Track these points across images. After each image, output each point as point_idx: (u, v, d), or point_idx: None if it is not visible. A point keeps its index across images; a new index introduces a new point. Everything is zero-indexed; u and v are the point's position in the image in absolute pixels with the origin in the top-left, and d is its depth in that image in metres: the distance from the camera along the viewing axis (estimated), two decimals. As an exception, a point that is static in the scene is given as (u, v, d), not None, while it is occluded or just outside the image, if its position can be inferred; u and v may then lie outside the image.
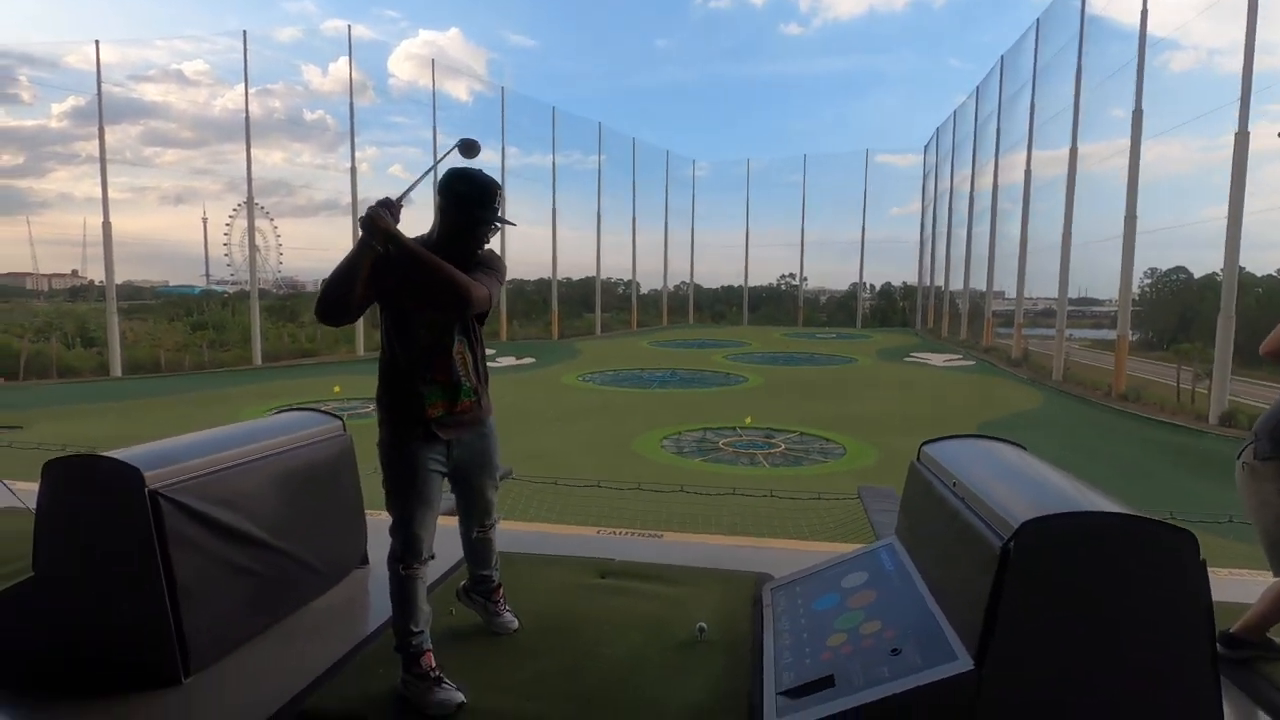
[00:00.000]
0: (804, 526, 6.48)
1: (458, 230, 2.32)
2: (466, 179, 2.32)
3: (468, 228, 2.32)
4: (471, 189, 2.31)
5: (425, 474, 2.34)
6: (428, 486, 2.35)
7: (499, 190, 2.35)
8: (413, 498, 2.33)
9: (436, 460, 2.38)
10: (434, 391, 2.34)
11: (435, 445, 2.37)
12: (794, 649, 2.43)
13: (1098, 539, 1.83)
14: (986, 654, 1.85)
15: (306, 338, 32.20)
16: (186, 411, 16.47)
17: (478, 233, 2.35)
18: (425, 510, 2.35)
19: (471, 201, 2.31)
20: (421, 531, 2.34)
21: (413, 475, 2.33)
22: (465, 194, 2.31)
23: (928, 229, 47.07)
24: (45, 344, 26.84)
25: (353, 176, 30.23)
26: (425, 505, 2.35)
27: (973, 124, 36.04)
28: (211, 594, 2.54)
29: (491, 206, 2.33)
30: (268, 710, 2.23)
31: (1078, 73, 22.92)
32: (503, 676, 2.42)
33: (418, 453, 2.33)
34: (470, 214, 2.31)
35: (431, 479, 2.37)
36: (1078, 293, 30.66)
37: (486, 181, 2.33)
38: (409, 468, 2.33)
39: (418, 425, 2.34)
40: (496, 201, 2.34)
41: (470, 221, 2.31)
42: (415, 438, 2.34)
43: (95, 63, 26.04)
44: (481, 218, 2.32)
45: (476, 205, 2.31)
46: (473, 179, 2.32)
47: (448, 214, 2.32)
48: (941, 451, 2.76)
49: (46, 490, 2.48)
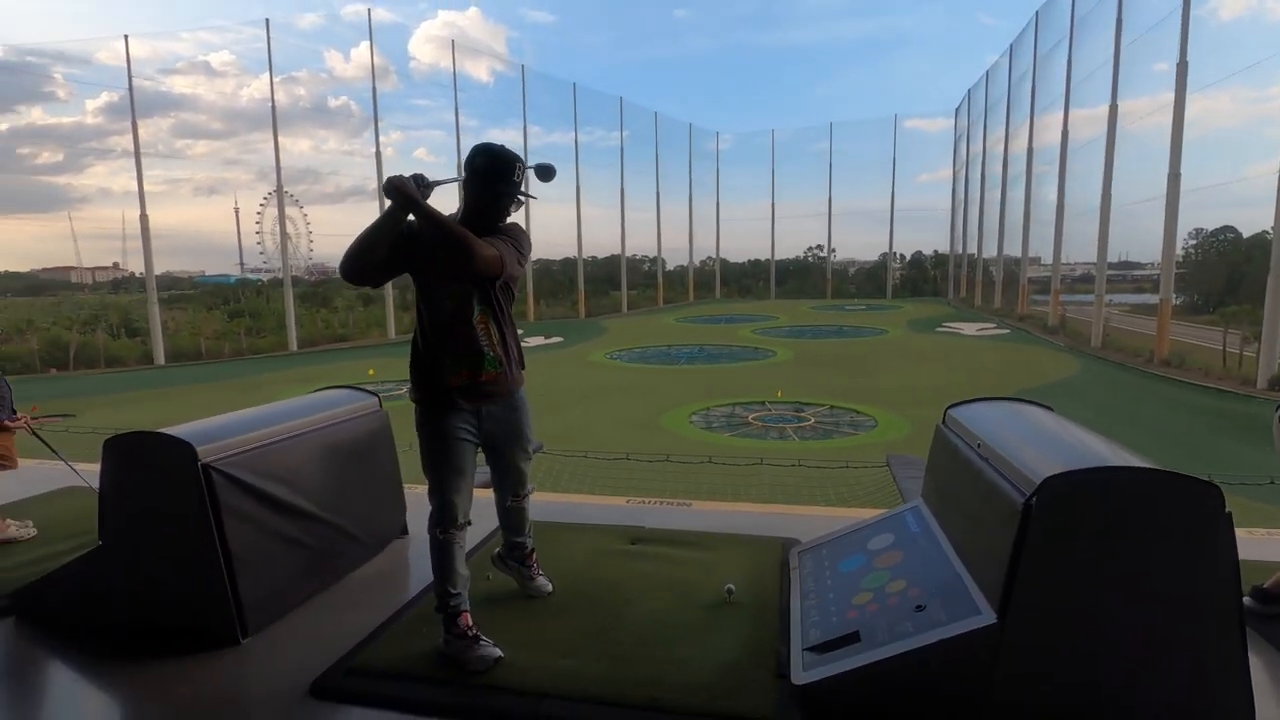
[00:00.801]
0: (832, 495, 6.51)
1: (480, 203, 2.40)
2: (487, 153, 2.40)
3: (489, 200, 2.40)
4: (491, 163, 2.39)
5: (456, 443, 2.44)
6: (459, 455, 2.45)
7: (519, 164, 2.42)
8: (444, 465, 2.44)
9: (467, 430, 2.47)
10: (457, 361, 2.42)
11: (464, 415, 2.46)
12: (820, 608, 2.48)
13: (1120, 494, 1.84)
14: (1009, 608, 1.88)
15: (340, 323, 32.90)
16: (228, 396, 17.01)
17: (499, 205, 2.42)
18: (457, 478, 2.45)
19: (492, 175, 2.38)
20: (455, 497, 2.44)
21: (443, 443, 2.43)
22: (485, 168, 2.39)
23: (959, 195, 45.95)
24: (92, 335, 27.85)
25: (378, 161, 30.53)
26: (457, 473, 2.45)
27: (1006, 84, 34.89)
28: (264, 562, 2.68)
29: (510, 179, 2.40)
30: (320, 668, 2.37)
31: (1118, 25, 21.98)
32: (539, 636, 2.53)
33: (447, 422, 2.43)
34: (491, 187, 2.39)
35: (463, 448, 2.46)
36: (1117, 256, 29.69)
37: (507, 155, 2.40)
38: (439, 436, 2.43)
39: (442, 394, 2.43)
40: (516, 174, 2.41)
41: (491, 194, 2.40)
42: (442, 406, 2.44)
43: (125, 58, 26.61)
44: (502, 190, 2.39)
45: (498, 179, 2.39)
46: (493, 153, 2.40)
47: (471, 188, 2.41)
48: (967, 414, 2.76)
49: (108, 466, 2.63)
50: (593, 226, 43.09)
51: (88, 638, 2.66)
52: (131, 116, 26.73)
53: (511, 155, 2.41)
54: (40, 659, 2.61)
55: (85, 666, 2.54)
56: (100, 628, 2.68)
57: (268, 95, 28.51)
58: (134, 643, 2.59)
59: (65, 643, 2.66)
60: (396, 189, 2.15)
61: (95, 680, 2.47)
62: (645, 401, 15.12)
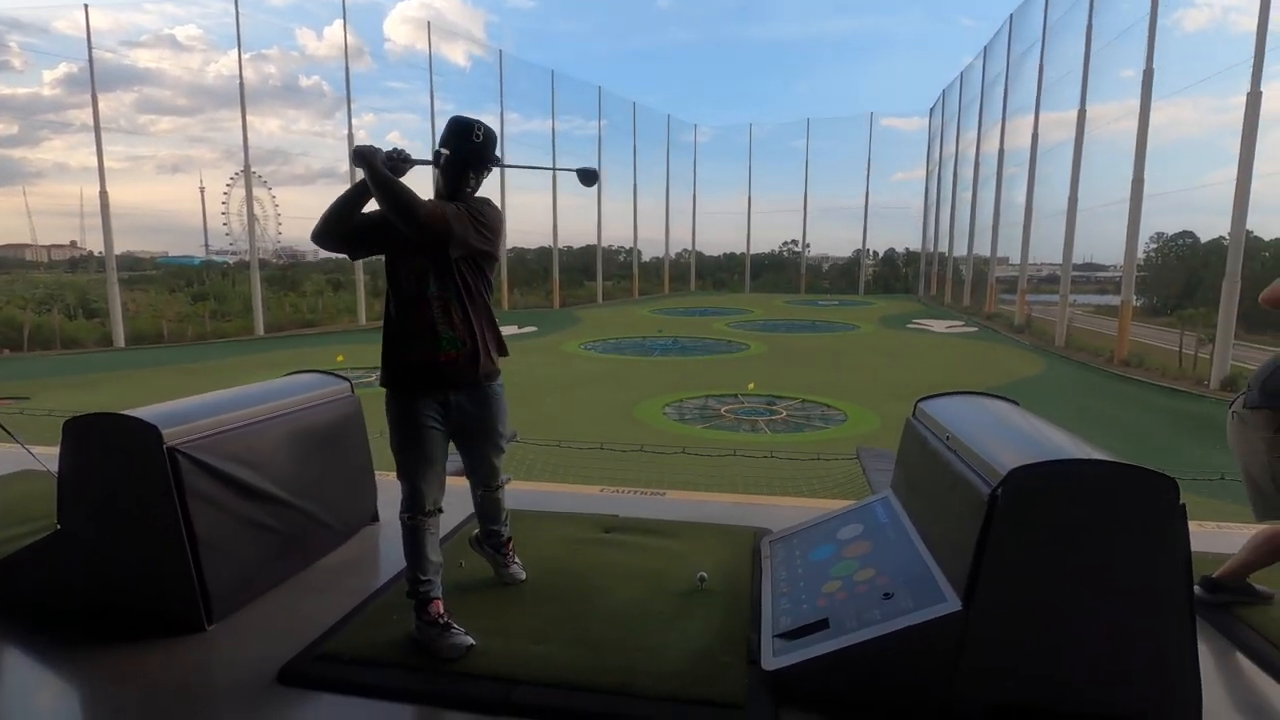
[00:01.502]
0: (803, 487, 6.60)
1: (447, 169, 2.43)
2: (450, 121, 2.45)
3: (451, 165, 2.43)
4: (447, 129, 2.44)
5: (422, 430, 2.42)
6: (426, 442, 2.42)
7: (475, 126, 2.42)
8: (411, 451, 2.42)
9: (433, 418, 2.44)
10: (413, 338, 2.41)
11: (429, 403, 2.43)
12: (790, 596, 2.53)
13: (1082, 485, 1.90)
14: (974, 595, 1.93)
15: (309, 308, 32.24)
16: (191, 381, 16.59)
17: (461, 170, 2.43)
18: (425, 465, 2.43)
19: (446, 138, 2.43)
20: (422, 485, 2.42)
21: (410, 431, 2.42)
22: (443, 135, 2.45)
23: (932, 194, 46.63)
24: (47, 315, 26.90)
25: (349, 144, 29.90)
26: (425, 461, 2.43)
27: (980, 86, 35.43)
28: (230, 547, 2.63)
29: (463, 140, 2.41)
30: (288, 655, 2.34)
31: (1088, 31, 22.44)
32: (511, 623, 2.53)
33: (414, 409, 2.42)
34: (453, 154, 2.42)
35: (429, 435, 2.43)
36: (1082, 258, 30.39)
37: (462, 120, 2.44)
38: (406, 423, 2.42)
39: (403, 373, 2.43)
40: (473, 136, 2.41)
41: (454, 162, 2.42)
42: (406, 389, 2.43)
43: (85, 28, 25.62)
44: (455, 151, 2.41)
45: (450, 139, 2.42)
46: (451, 120, 2.45)
47: (441, 158, 2.44)
48: (937, 407, 2.83)
49: (68, 449, 2.56)
50: (569, 216, 42.79)
51: (47, 625, 2.59)
52: (91, 89, 25.77)
53: (470, 120, 2.43)
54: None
55: (45, 654, 2.47)
56: (60, 614, 2.61)
57: (236, 72, 27.73)
58: (95, 629, 2.52)
59: (23, 630, 2.58)
60: (359, 154, 2.20)
61: (55, 668, 2.41)
62: (619, 392, 15.13)
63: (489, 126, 2.45)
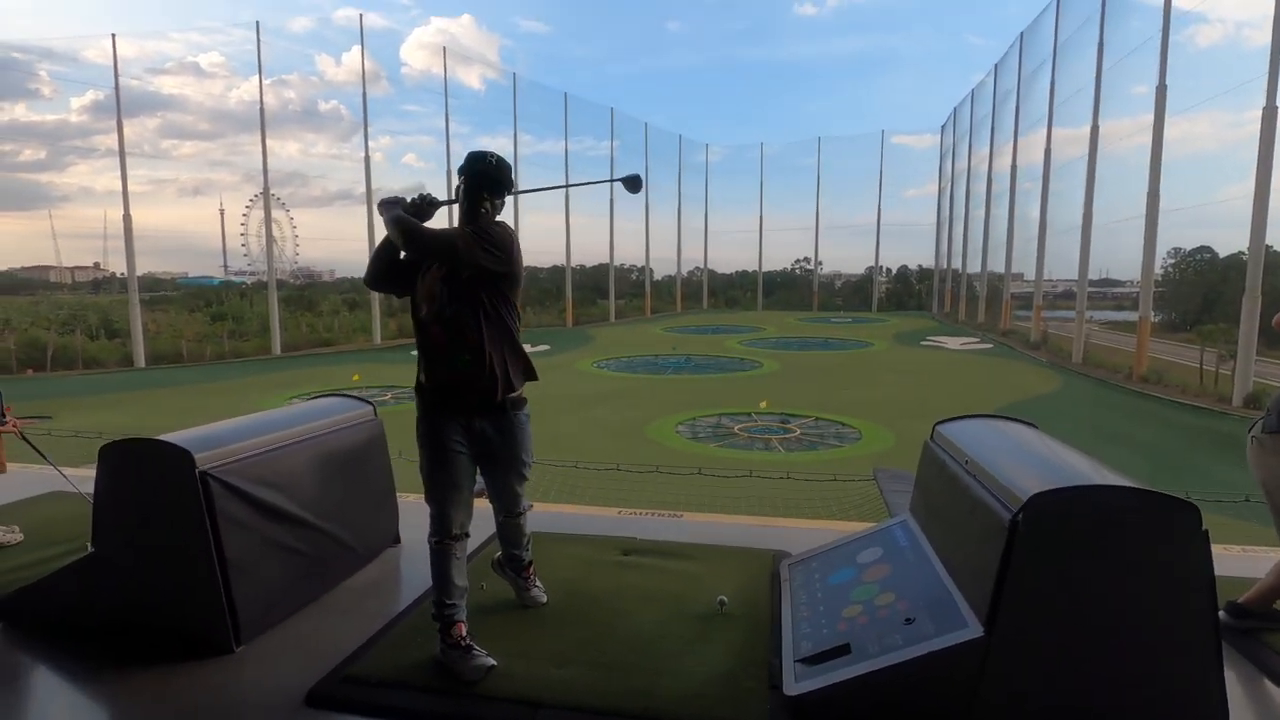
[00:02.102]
0: (820, 508, 6.57)
1: (464, 198, 2.52)
2: (469, 155, 2.55)
3: (468, 192, 2.51)
4: (468, 160, 2.54)
5: (449, 454, 2.47)
6: (452, 466, 2.48)
7: (488, 155, 2.52)
8: (438, 475, 2.48)
9: (458, 443, 2.49)
10: (431, 358, 2.50)
11: (455, 427, 2.49)
12: (811, 620, 2.53)
13: (1103, 512, 1.90)
14: (996, 622, 1.94)
15: (325, 327, 32.61)
16: (210, 401, 16.82)
17: (469, 196, 2.50)
18: (452, 490, 2.48)
19: (466, 168, 2.52)
20: (449, 509, 2.47)
21: (438, 455, 2.48)
22: (463, 166, 2.54)
23: (944, 211, 46.58)
24: (70, 336, 27.40)
25: (366, 166, 30.46)
26: (452, 486, 2.48)
27: (991, 103, 35.52)
28: (258, 570, 2.68)
29: (479, 163, 2.50)
30: (314, 677, 2.38)
31: (1099, 48, 22.49)
32: (533, 646, 2.55)
33: (441, 434, 2.48)
34: (467, 179, 2.51)
35: (455, 460, 2.48)
36: (1098, 274, 30.22)
37: (478, 152, 2.54)
38: (434, 448, 2.48)
39: (426, 393, 2.52)
40: (483, 163, 2.50)
41: (468, 186, 2.51)
42: (432, 411, 2.51)
43: (113, 57, 26.36)
44: (473, 179, 2.49)
45: (468, 170, 2.51)
46: (471, 153, 2.55)
47: (460, 190, 2.54)
48: (955, 430, 2.83)
49: (103, 472, 2.63)
50: (581, 235, 43.21)
51: (80, 645, 2.64)
52: (117, 115, 26.48)
53: (486, 152, 2.54)
54: (30, 667, 2.59)
55: (77, 675, 2.52)
56: (92, 635, 2.67)
57: (257, 97, 28.37)
58: (127, 650, 2.57)
59: (56, 650, 2.64)
60: (380, 204, 2.45)
61: (87, 689, 2.45)
62: (631, 410, 15.15)
63: (501, 156, 2.55)
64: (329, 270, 54.34)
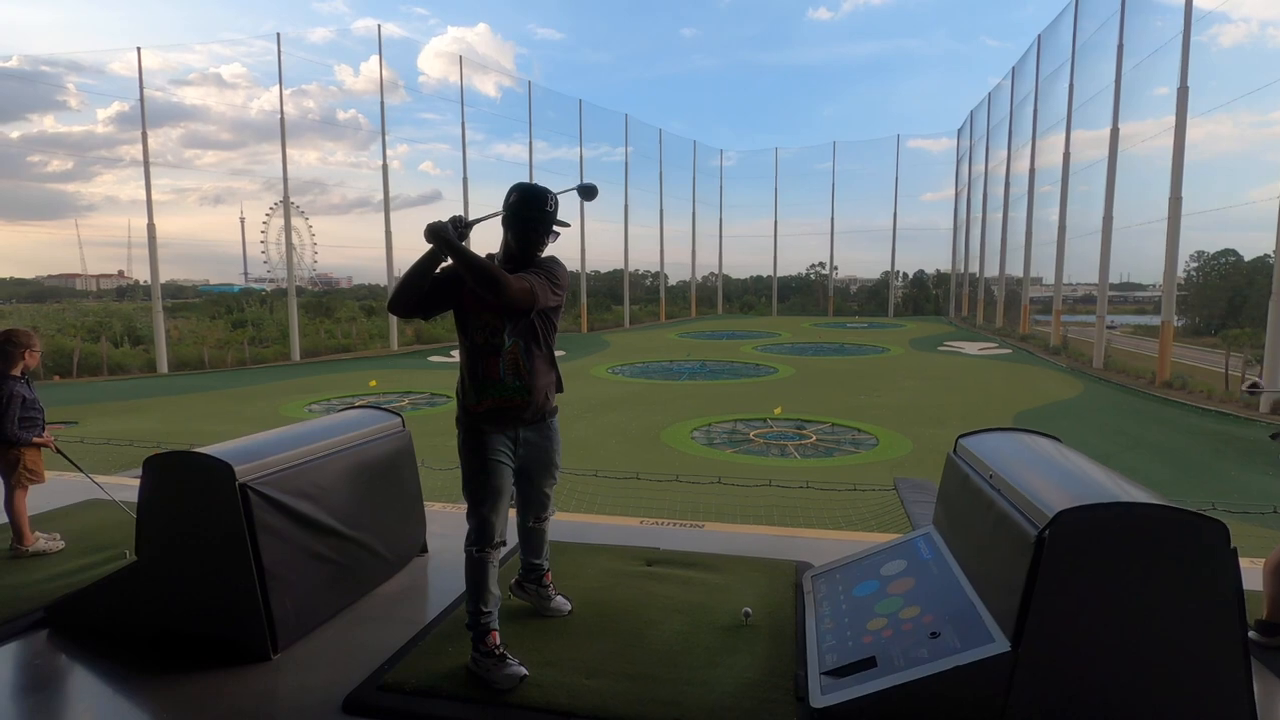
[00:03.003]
0: (840, 518, 6.57)
1: (516, 236, 2.56)
2: (517, 190, 2.57)
3: (523, 233, 2.55)
4: (522, 197, 2.55)
5: (495, 465, 2.56)
6: (496, 476, 2.56)
7: (550, 196, 2.56)
8: (484, 486, 2.55)
9: (504, 453, 2.59)
10: (484, 388, 2.55)
11: (502, 439, 2.58)
12: (836, 632, 2.56)
13: (1130, 528, 1.92)
14: (1022, 637, 1.96)
15: (342, 334, 32.98)
16: (231, 407, 17.07)
17: (532, 237, 2.56)
18: (496, 498, 2.57)
19: (522, 208, 2.54)
20: (493, 517, 2.56)
21: (483, 465, 2.55)
22: (517, 203, 2.55)
23: (961, 215, 46.23)
24: (95, 343, 27.92)
25: (384, 174, 30.80)
26: (496, 493, 2.57)
27: (1009, 106, 35.27)
28: (295, 579, 2.76)
29: (541, 209, 2.53)
30: (349, 684, 2.44)
31: (1119, 49, 22.27)
32: (562, 656, 2.60)
33: (486, 444, 2.55)
34: (524, 220, 2.54)
35: (501, 470, 2.58)
36: (1120, 277, 29.84)
37: (538, 189, 2.57)
38: (479, 458, 2.55)
39: (474, 418, 2.56)
40: (546, 205, 2.54)
41: (524, 227, 2.55)
42: (479, 430, 2.56)
43: (138, 69, 26.93)
44: (533, 221, 2.53)
45: (527, 210, 2.53)
46: (522, 189, 2.57)
47: (507, 223, 2.58)
48: (978, 444, 2.85)
49: (147, 483, 2.72)
50: (595, 240, 43.48)
51: (122, 651, 2.73)
52: (142, 126, 27.00)
53: (542, 189, 2.57)
54: (75, 672, 2.68)
55: (119, 680, 2.60)
56: (135, 641, 2.75)
57: (277, 107, 28.82)
58: (169, 656, 2.66)
59: (99, 656, 2.73)
60: (435, 234, 2.33)
61: (130, 695, 2.53)
62: (647, 416, 15.17)
63: (548, 190, 2.58)
64: (347, 277, 55.03)
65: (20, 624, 2.87)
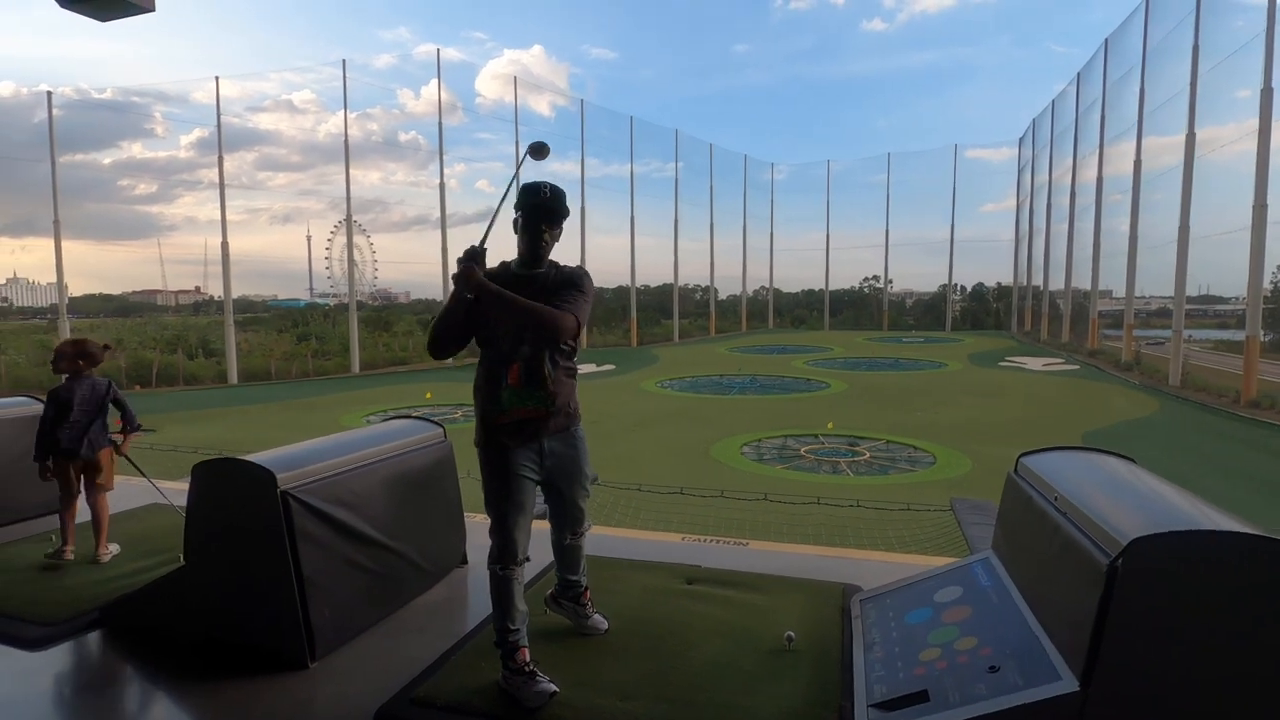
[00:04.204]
0: (892, 538, 6.30)
1: (525, 231, 2.52)
2: (522, 189, 2.54)
3: (526, 225, 2.52)
4: (522, 194, 2.53)
5: (517, 479, 2.49)
6: (520, 491, 2.50)
7: (547, 190, 2.50)
8: (505, 501, 2.49)
9: (529, 467, 2.52)
10: (507, 399, 2.48)
11: (526, 452, 2.52)
12: (885, 662, 2.41)
13: (1214, 558, 1.74)
14: (1093, 675, 1.78)
15: (400, 347, 33.98)
16: (295, 416, 17.73)
17: (535, 229, 2.50)
18: (518, 514, 2.50)
19: (522, 202, 2.51)
20: (516, 533, 2.49)
21: (505, 480, 2.49)
22: (519, 200, 2.53)
23: (1024, 226, 44.56)
24: (173, 355, 29.50)
25: (441, 193, 31.71)
26: (518, 509, 2.50)
27: (1074, 113, 33.92)
28: (333, 587, 2.77)
29: (535, 196, 2.48)
30: (383, 696, 2.42)
31: (1194, 51, 21.17)
32: (598, 676, 2.52)
33: (509, 458, 2.49)
34: (525, 213, 2.51)
35: (523, 484, 2.51)
36: (1197, 290, 28.17)
37: (535, 185, 2.52)
38: (501, 473, 2.49)
39: (495, 430, 2.50)
40: (540, 197, 2.49)
41: (527, 220, 2.51)
42: (500, 443, 2.50)
43: (215, 97, 28.55)
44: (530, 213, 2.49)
45: (524, 204, 2.50)
46: (525, 186, 2.54)
47: (518, 222, 2.55)
48: (1041, 463, 2.66)
49: (195, 488, 2.78)
50: (646, 255, 43.77)
51: (168, 653, 2.79)
52: (218, 151, 28.62)
53: (538, 184, 2.53)
54: (123, 672, 2.75)
55: (163, 682, 2.66)
56: (182, 643, 2.81)
57: (343, 131, 30.08)
58: (209, 660, 2.70)
59: (146, 657, 2.79)
60: (479, 287, 2.33)
61: (175, 696, 2.58)
62: (696, 431, 15.02)
63: (555, 185, 2.53)
64: (405, 292, 56.73)
65: (78, 623, 2.97)
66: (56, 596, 3.20)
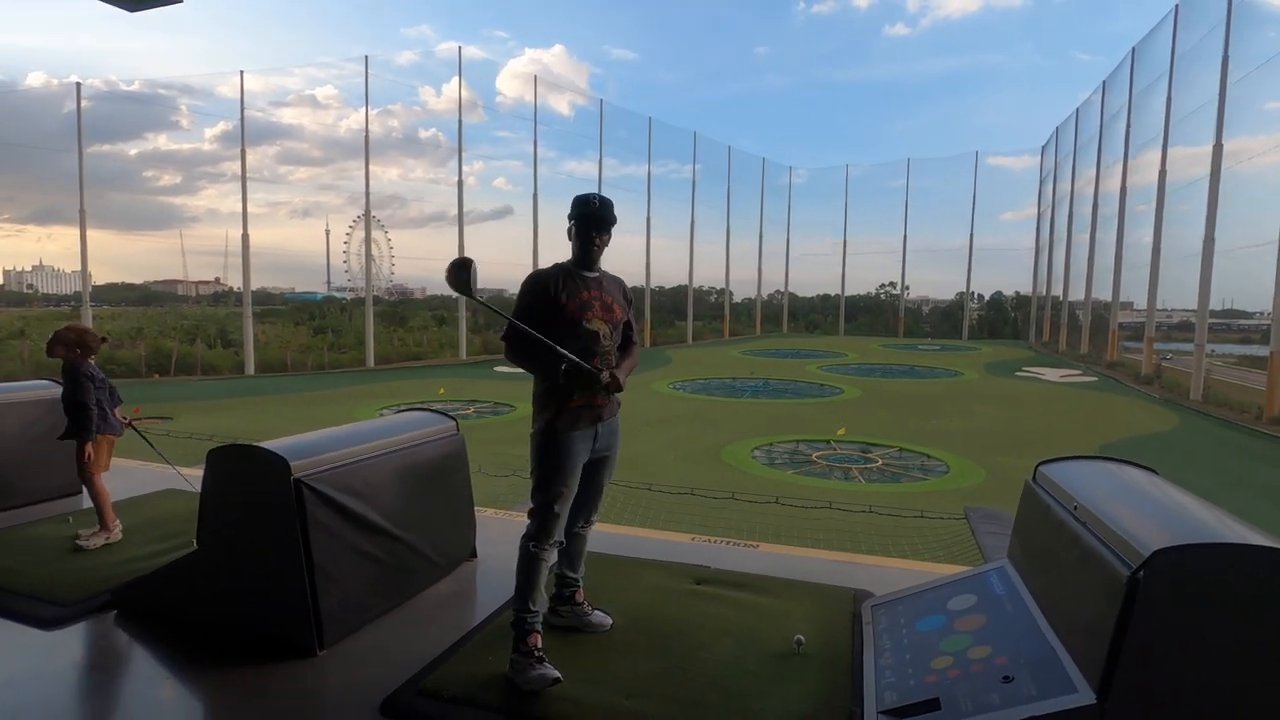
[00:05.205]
0: (904, 546, 6.24)
1: (578, 238, 2.67)
2: (575, 200, 2.69)
3: (579, 233, 2.67)
4: (575, 204, 2.69)
5: (573, 463, 2.58)
6: (575, 475, 2.60)
7: (596, 201, 2.66)
8: (561, 482, 2.55)
9: (584, 451, 2.62)
10: (583, 384, 2.57)
11: (586, 434, 2.61)
12: (896, 669, 2.37)
13: (1237, 571, 1.69)
14: (1111, 688, 1.75)
15: (415, 342, 34.17)
16: (309, 409, 17.87)
17: (587, 236, 2.66)
18: (569, 494, 2.59)
19: (575, 213, 2.67)
20: (562, 512, 2.57)
21: (562, 461, 2.56)
22: (572, 210, 2.68)
23: (1044, 235, 44.02)
24: (192, 345, 29.85)
25: (459, 190, 31.84)
26: (569, 490, 2.59)
27: (1098, 121, 33.47)
28: (343, 576, 2.78)
29: (585, 206, 2.65)
30: (389, 686, 2.42)
31: (1224, 61, 20.81)
32: (604, 672, 2.51)
33: (573, 441, 2.57)
34: (577, 222, 2.67)
35: (577, 469, 2.61)
36: (1222, 304, 27.67)
37: (586, 197, 2.70)
38: (560, 454, 2.55)
39: (563, 416, 2.58)
40: (591, 207, 2.65)
41: (580, 228, 2.66)
42: (568, 426, 2.57)
43: (240, 91, 28.89)
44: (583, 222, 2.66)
45: (577, 215, 2.67)
46: (577, 198, 2.69)
47: (571, 230, 2.69)
48: (1060, 472, 2.62)
49: (209, 474, 2.80)
50: (661, 256, 43.56)
51: (178, 636, 2.81)
52: (241, 144, 28.91)
53: (588, 196, 2.70)
54: (132, 655, 2.77)
55: (175, 665, 2.68)
56: (193, 627, 2.84)
57: (364, 126, 30.31)
58: (222, 644, 2.72)
59: (157, 640, 2.82)
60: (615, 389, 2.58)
61: (184, 679, 2.60)
62: (707, 433, 14.97)
63: (605, 196, 2.69)
64: (421, 287, 57.12)
65: (91, 604, 3.01)
66: (70, 578, 3.24)
